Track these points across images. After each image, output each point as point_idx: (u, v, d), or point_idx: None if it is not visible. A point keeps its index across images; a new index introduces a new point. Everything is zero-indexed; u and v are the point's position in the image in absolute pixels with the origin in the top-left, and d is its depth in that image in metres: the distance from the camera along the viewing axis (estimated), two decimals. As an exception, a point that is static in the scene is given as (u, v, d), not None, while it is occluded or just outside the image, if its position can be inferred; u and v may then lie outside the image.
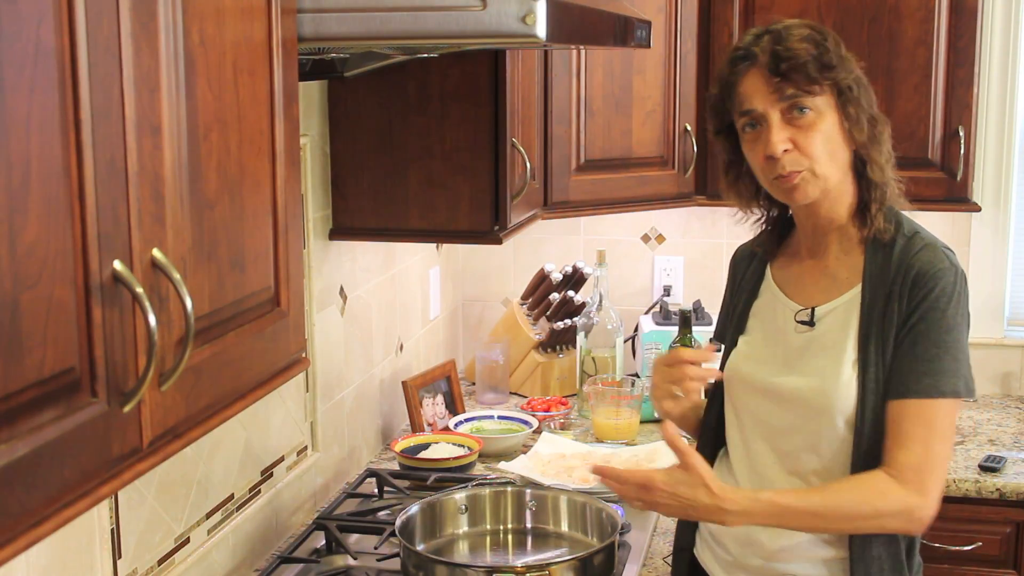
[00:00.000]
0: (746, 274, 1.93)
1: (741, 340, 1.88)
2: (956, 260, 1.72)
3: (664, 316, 3.16)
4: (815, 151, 1.69)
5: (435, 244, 3.13)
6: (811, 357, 1.76)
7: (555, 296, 3.17)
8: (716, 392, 1.93)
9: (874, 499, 1.66)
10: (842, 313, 1.75)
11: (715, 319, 3.16)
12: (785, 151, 1.68)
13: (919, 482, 1.66)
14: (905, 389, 1.67)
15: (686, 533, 1.96)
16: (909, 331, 1.68)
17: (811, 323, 1.77)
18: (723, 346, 1.94)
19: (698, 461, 1.67)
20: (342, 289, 2.51)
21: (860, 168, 1.75)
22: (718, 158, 1.87)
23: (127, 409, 1.04)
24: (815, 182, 1.70)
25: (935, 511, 1.68)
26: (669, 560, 2.06)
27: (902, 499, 1.65)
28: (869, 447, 1.69)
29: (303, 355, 1.46)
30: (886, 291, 1.71)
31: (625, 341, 3.17)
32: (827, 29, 1.74)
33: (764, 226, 1.90)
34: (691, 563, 1.94)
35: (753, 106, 1.70)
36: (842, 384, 1.71)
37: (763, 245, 1.91)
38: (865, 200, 1.75)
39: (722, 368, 1.92)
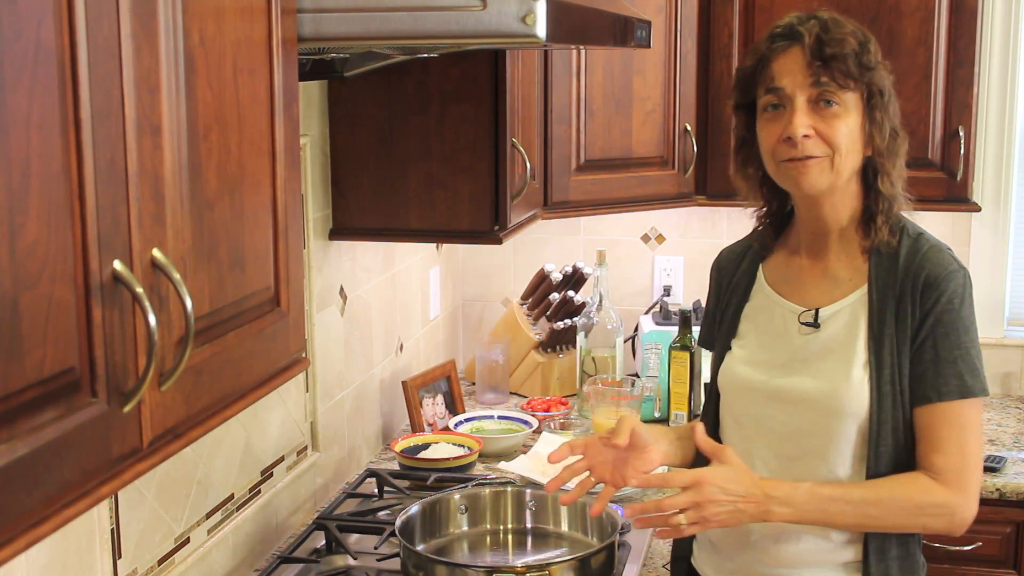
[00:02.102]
0: (734, 277, 1.91)
1: (735, 344, 1.86)
2: (961, 262, 1.73)
3: (664, 316, 3.16)
4: (837, 140, 1.67)
5: (435, 244, 3.13)
6: (818, 359, 1.75)
7: (555, 296, 3.17)
8: (711, 399, 1.92)
9: (916, 493, 1.66)
10: (848, 315, 1.74)
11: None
12: (805, 136, 1.67)
13: (960, 483, 1.67)
14: (935, 394, 1.67)
15: (683, 541, 1.95)
16: (928, 336, 1.68)
17: (816, 324, 1.76)
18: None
19: (732, 452, 1.66)
20: (342, 289, 2.51)
21: (870, 178, 1.74)
22: (731, 136, 1.84)
23: (127, 409, 1.04)
24: (829, 173, 1.69)
25: (976, 510, 1.69)
26: (668, 567, 2.05)
27: (945, 497, 1.66)
28: (885, 449, 1.69)
29: (303, 355, 1.46)
30: (896, 293, 1.70)
31: (625, 341, 3.17)
32: (868, 32, 1.73)
33: (761, 220, 1.88)
34: (689, 571, 1.94)
35: (782, 84, 1.68)
36: (853, 386, 1.70)
37: (760, 240, 1.88)
38: (871, 211, 1.74)
39: (714, 376, 1.91)
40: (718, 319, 1.93)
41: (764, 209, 1.87)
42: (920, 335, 1.68)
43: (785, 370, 1.78)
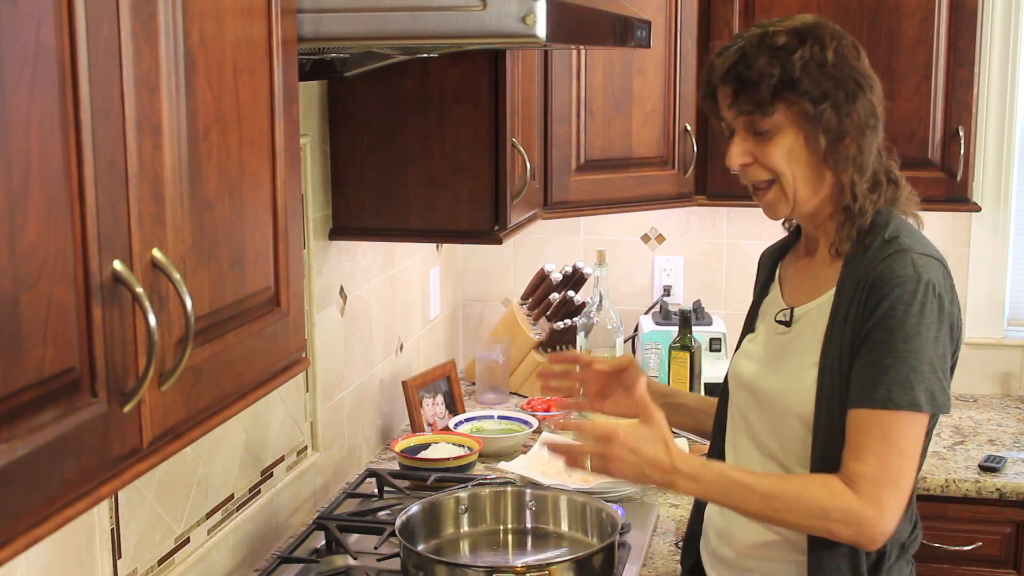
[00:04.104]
0: (764, 274, 1.94)
1: (746, 339, 1.89)
2: (928, 269, 1.63)
3: (664, 316, 3.16)
4: (775, 165, 1.68)
5: (435, 244, 3.13)
6: (783, 359, 1.77)
7: (555, 296, 3.17)
8: (725, 390, 1.93)
9: (822, 495, 1.61)
10: (815, 316, 1.74)
11: (714, 319, 3.18)
12: (744, 165, 1.70)
13: (874, 496, 1.59)
14: (859, 398, 1.62)
15: (695, 522, 1.97)
16: (865, 339, 1.62)
17: (788, 323, 1.78)
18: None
19: (660, 417, 1.68)
20: (342, 289, 2.51)
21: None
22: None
23: (127, 409, 1.04)
24: (784, 200, 1.71)
25: (891, 529, 1.62)
26: (680, 545, 2.06)
27: (853, 506, 1.59)
28: (825, 452, 1.67)
29: (303, 355, 1.46)
30: (851, 296, 1.67)
31: (625, 341, 3.16)
32: (824, 35, 1.67)
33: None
34: (696, 558, 1.96)
35: (724, 115, 1.72)
36: (803, 387, 1.70)
37: (789, 234, 1.92)
38: (849, 213, 1.71)
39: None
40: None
41: None
42: (859, 338, 1.64)
43: (767, 367, 1.80)
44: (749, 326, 1.90)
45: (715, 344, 3.06)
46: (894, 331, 1.60)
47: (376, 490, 2.42)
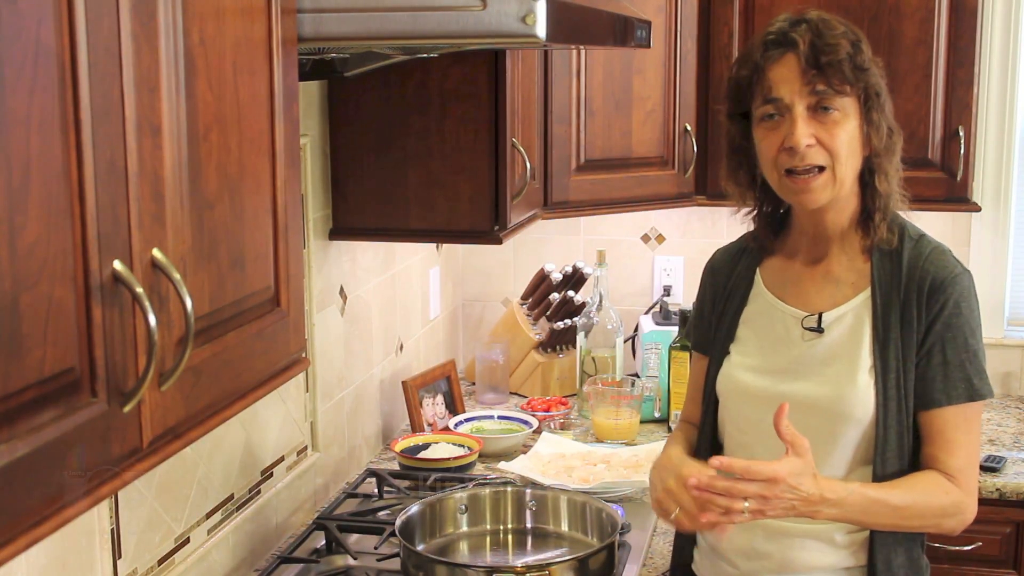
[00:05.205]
0: (730, 280, 1.88)
1: (733, 350, 1.84)
2: (962, 263, 1.73)
3: (664, 316, 3.16)
4: (838, 149, 1.66)
5: (435, 244, 3.13)
6: (822, 364, 1.74)
7: (555, 296, 3.17)
8: (708, 405, 1.88)
9: (942, 497, 1.68)
10: (852, 319, 1.74)
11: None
12: (808, 146, 1.65)
13: (969, 484, 1.70)
14: (945, 397, 1.68)
15: (685, 548, 1.94)
16: (937, 341, 1.68)
17: (819, 329, 1.75)
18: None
19: (808, 446, 1.60)
20: (342, 289, 2.51)
21: (867, 177, 1.72)
22: (723, 141, 1.83)
23: (127, 409, 1.04)
24: (831, 187, 1.68)
25: (976, 510, 1.73)
26: (668, 575, 2.04)
27: (960, 499, 1.69)
28: (891, 453, 1.69)
29: (303, 355, 1.46)
30: (900, 296, 1.70)
31: (625, 341, 3.17)
32: (857, 28, 1.71)
33: (756, 221, 1.86)
34: None
35: (780, 95, 1.66)
36: (859, 390, 1.70)
37: (758, 241, 1.86)
38: (868, 209, 1.73)
39: (712, 380, 1.86)
40: (714, 323, 1.89)
41: (756, 211, 1.85)
42: (928, 340, 1.69)
43: (788, 376, 1.76)
44: (729, 336, 1.85)
45: (715, 344, 3.06)
46: (962, 328, 1.69)
47: (376, 490, 2.42)
